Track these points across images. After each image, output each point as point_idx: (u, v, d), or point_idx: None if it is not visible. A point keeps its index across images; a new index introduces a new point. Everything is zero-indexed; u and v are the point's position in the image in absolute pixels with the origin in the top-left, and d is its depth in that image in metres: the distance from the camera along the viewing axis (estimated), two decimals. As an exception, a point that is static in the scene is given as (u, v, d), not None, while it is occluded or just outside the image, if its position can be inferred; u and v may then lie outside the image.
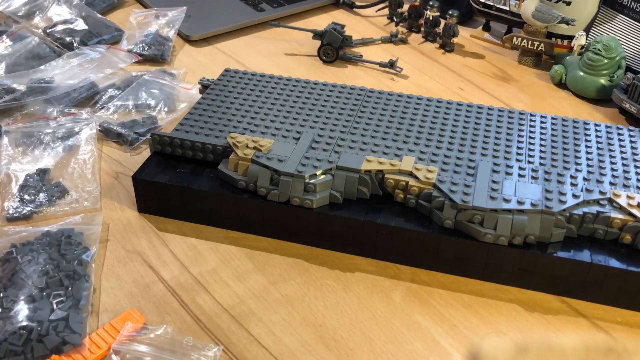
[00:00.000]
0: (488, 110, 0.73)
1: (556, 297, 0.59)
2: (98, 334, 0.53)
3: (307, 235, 0.63)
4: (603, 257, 0.57)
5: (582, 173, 0.63)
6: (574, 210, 0.58)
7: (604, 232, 0.59)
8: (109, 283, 0.59)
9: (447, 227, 0.59)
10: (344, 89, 0.76)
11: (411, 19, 1.07)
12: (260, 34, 1.05)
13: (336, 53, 0.97)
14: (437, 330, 0.56)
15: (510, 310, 0.58)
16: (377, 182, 0.62)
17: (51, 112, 0.79)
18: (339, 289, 0.60)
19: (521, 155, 0.66)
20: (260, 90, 0.76)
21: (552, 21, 0.92)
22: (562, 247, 0.58)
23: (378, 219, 0.60)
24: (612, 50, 0.87)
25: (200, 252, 0.63)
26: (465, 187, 0.59)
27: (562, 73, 0.92)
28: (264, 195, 0.62)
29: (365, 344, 0.55)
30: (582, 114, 0.87)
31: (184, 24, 1.02)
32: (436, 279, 0.61)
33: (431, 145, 0.66)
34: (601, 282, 0.57)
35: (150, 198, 0.66)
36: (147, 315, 0.56)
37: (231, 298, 0.58)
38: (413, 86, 0.92)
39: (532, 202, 0.57)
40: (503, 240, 0.57)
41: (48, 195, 0.68)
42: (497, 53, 1.02)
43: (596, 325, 0.57)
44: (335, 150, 0.64)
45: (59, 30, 0.97)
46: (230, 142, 0.64)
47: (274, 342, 0.55)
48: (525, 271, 0.59)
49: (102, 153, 0.76)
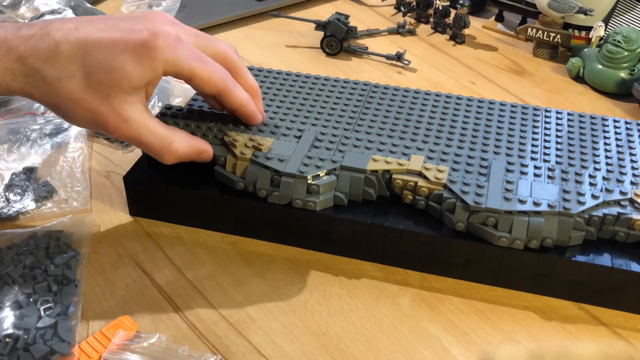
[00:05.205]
0: (501, 106, 0.73)
1: (574, 304, 0.59)
2: (88, 342, 0.53)
3: (310, 239, 0.63)
4: (624, 261, 0.57)
5: (601, 172, 0.63)
6: (594, 211, 0.58)
7: (625, 234, 0.59)
8: (99, 288, 0.59)
9: (458, 230, 0.59)
10: (348, 83, 0.76)
11: (419, 8, 1.07)
12: (259, 24, 1.05)
13: (340, 45, 0.97)
14: (447, 338, 0.56)
15: (525, 318, 0.58)
16: (384, 183, 0.62)
17: (38, 107, 0.79)
18: (343, 295, 0.60)
19: (536, 153, 0.66)
20: (258, 85, 0.75)
21: (569, 11, 0.92)
22: (581, 250, 0.58)
23: (385, 221, 0.60)
24: (632, 42, 0.87)
25: (196, 255, 0.63)
26: (478, 187, 0.59)
27: (579, 66, 0.92)
28: (264, 197, 0.62)
29: (371, 353, 0.55)
30: (601, 109, 0.87)
31: (179, 14, 1.02)
32: (447, 285, 0.61)
33: (441, 144, 0.66)
34: (622, 288, 0.57)
35: (143, 200, 0.66)
36: (140, 323, 0.56)
37: (229, 304, 0.58)
38: (421, 80, 0.92)
39: (549, 203, 0.57)
40: (518, 244, 0.57)
41: (35, 195, 0.68)
42: (511, 45, 1.02)
43: (616, 333, 0.57)
44: (339, 149, 0.64)
45: (47, 21, 0.97)
46: (228, 140, 0.64)
47: (275, 351, 0.55)
48: (542, 276, 0.59)
49: (93, 151, 0.76)
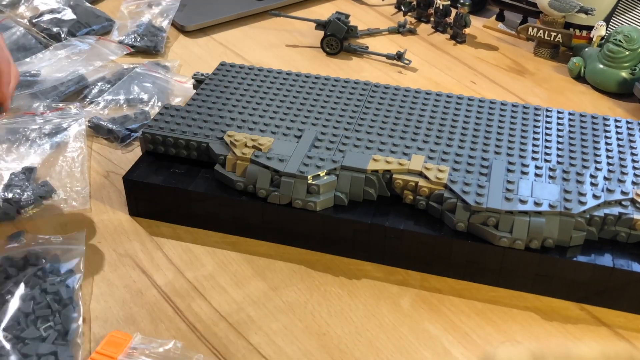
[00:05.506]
0: (502, 106, 0.73)
1: (575, 304, 0.59)
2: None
3: (310, 240, 0.63)
4: (625, 261, 0.57)
5: (602, 172, 0.63)
6: (595, 211, 0.58)
7: (626, 234, 0.59)
8: (99, 289, 0.59)
9: (459, 231, 0.59)
10: (348, 83, 0.76)
11: (420, 8, 1.07)
12: (259, 24, 1.05)
13: (340, 44, 0.97)
14: (448, 339, 0.56)
15: (526, 318, 0.58)
16: (385, 183, 0.62)
17: (37, 107, 0.79)
18: (343, 296, 0.60)
19: (537, 153, 0.66)
20: (258, 85, 0.76)
21: (570, 10, 0.92)
22: (582, 251, 0.58)
23: (386, 221, 0.60)
24: (633, 41, 0.87)
25: (196, 255, 0.63)
26: (479, 187, 0.59)
27: (580, 66, 0.92)
28: (264, 197, 0.62)
29: (371, 353, 0.55)
30: (602, 109, 0.87)
31: (179, 13, 1.02)
32: (447, 285, 0.61)
33: (441, 143, 0.66)
34: (623, 288, 0.57)
35: (143, 200, 0.66)
36: (139, 323, 0.56)
37: (229, 305, 0.58)
38: (422, 80, 0.92)
39: (550, 204, 0.57)
40: (519, 244, 0.57)
41: (34, 195, 0.67)
42: (512, 44, 1.02)
43: (617, 333, 0.57)
44: (339, 149, 0.64)
45: (46, 20, 0.97)
46: (228, 140, 0.64)
47: (275, 352, 0.55)
48: (543, 277, 0.59)
49: (92, 150, 0.76)
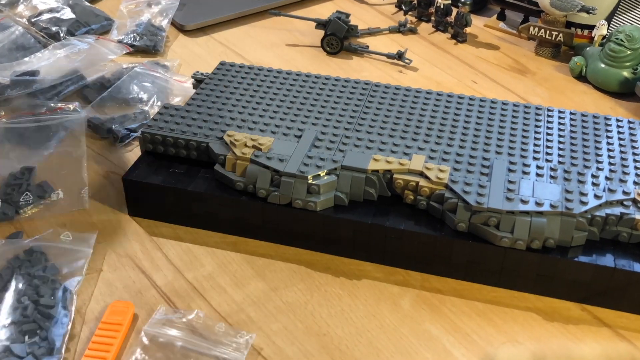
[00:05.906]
0: (503, 105, 0.73)
1: (577, 305, 0.59)
2: (95, 342, 0.53)
3: (310, 240, 0.63)
4: (627, 261, 0.57)
5: (603, 172, 0.63)
6: (596, 211, 0.58)
7: (628, 235, 0.59)
8: (98, 289, 0.59)
9: (460, 231, 0.59)
10: (349, 82, 0.76)
11: (421, 7, 1.07)
12: (260, 23, 1.05)
13: (341, 44, 0.97)
14: (448, 339, 0.56)
15: (527, 319, 0.58)
16: (385, 183, 0.62)
17: (36, 106, 0.79)
18: (344, 296, 0.60)
19: (539, 153, 0.66)
20: (258, 84, 0.76)
21: (572, 9, 0.92)
22: (584, 251, 0.58)
23: (386, 222, 0.60)
24: (635, 40, 0.87)
25: (195, 256, 0.63)
26: (480, 187, 0.59)
27: (582, 65, 0.92)
28: (264, 197, 0.62)
29: (372, 354, 0.55)
30: (604, 108, 0.87)
31: (178, 12, 1.02)
32: (448, 286, 0.61)
33: (442, 143, 0.66)
34: (625, 289, 0.57)
35: (142, 200, 0.66)
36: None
37: (229, 305, 0.58)
38: (423, 79, 0.92)
39: (551, 204, 0.57)
40: (520, 245, 0.57)
41: (33, 195, 0.68)
42: (513, 44, 1.02)
43: (619, 334, 0.57)
44: (339, 148, 0.64)
45: (45, 20, 0.97)
46: (227, 140, 0.64)
47: (275, 353, 0.55)
48: (544, 277, 0.59)
49: (91, 150, 0.76)
